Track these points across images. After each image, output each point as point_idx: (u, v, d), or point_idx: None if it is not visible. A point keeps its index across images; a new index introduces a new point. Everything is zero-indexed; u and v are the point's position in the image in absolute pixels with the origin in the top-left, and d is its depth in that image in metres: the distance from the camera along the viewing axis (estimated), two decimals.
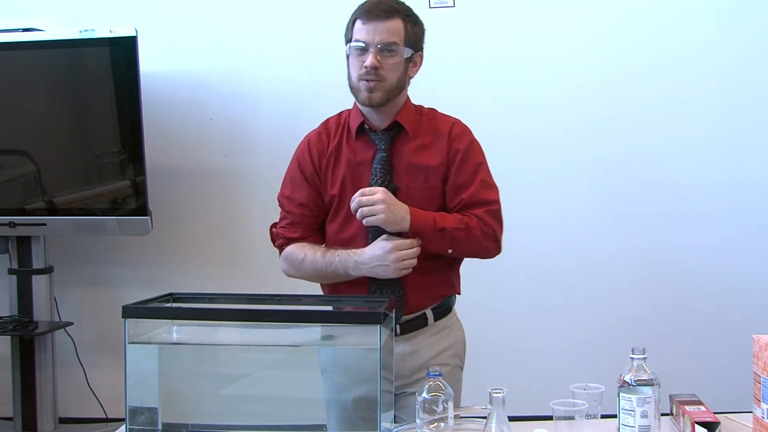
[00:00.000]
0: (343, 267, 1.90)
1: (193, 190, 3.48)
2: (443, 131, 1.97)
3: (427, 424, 1.59)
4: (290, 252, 2.00)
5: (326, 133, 2.01)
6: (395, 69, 1.89)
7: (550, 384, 1.83)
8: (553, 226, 3.38)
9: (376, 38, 1.86)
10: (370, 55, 1.86)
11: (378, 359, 1.59)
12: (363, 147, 1.96)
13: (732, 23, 3.30)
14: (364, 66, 1.86)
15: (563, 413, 1.63)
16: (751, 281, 3.31)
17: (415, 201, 1.91)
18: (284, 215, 2.04)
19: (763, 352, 1.58)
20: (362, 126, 1.96)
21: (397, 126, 1.95)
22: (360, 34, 1.88)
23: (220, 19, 3.43)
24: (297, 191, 2.01)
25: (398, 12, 1.89)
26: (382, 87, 1.88)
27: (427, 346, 1.99)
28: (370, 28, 1.86)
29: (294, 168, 2.03)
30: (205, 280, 3.34)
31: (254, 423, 1.71)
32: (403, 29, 1.89)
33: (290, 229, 2.01)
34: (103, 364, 3.45)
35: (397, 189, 1.91)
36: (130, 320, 1.67)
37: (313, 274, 1.97)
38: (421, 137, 1.96)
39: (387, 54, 1.87)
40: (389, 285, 1.93)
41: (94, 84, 3.21)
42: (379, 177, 1.92)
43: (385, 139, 1.94)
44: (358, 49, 1.88)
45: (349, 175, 1.95)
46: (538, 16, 3.35)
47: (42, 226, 3.20)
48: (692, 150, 3.33)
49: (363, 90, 1.89)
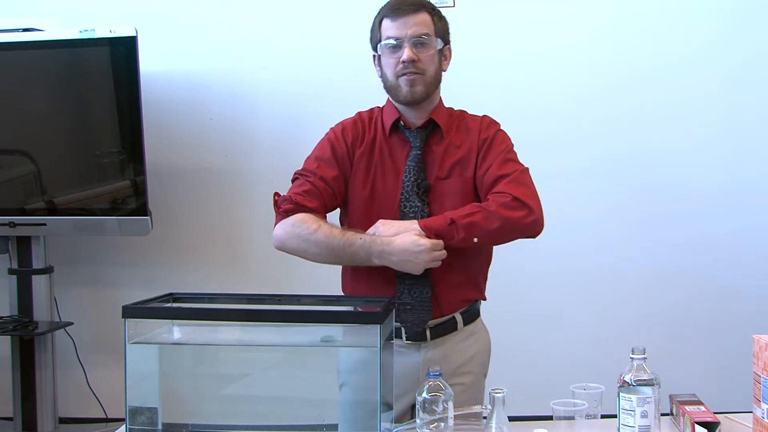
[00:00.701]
0: (366, 252, 1.81)
1: (193, 190, 3.48)
2: (473, 127, 1.97)
3: (427, 424, 1.59)
4: (302, 219, 1.85)
5: (362, 122, 1.98)
6: (432, 61, 1.90)
7: (550, 384, 1.82)
8: (552, 226, 3.35)
9: (409, 32, 1.86)
10: (405, 50, 1.85)
11: (378, 359, 1.59)
12: (397, 144, 1.94)
13: (732, 23, 3.30)
14: (402, 61, 1.86)
15: (563, 413, 1.63)
16: (751, 281, 3.31)
17: (450, 197, 1.90)
18: (303, 183, 1.92)
19: (763, 352, 1.58)
20: (397, 123, 1.95)
21: (431, 124, 1.95)
22: (391, 31, 1.87)
23: (220, 19, 3.44)
24: (324, 168, 1.93)
25: (424, 6, 1.91)
26: (422, 80, 1.88)
27: (455, 352, 1.96)
28: (401, 23, 1.86)
29: (324, 148, 1.96)
30: (205, 280, 3.34)
31: (254, 423, 1.71)
32: (432, 22, 1.90)
33: (307, 197, 1.89)
34: (103, 364, 3.45)
35: (430, 187, 1.90)
36: (130, 320, 1.66)
37: (323, 249, 1.84)
38: (453, 136, 1.96)
39: (421, 47, 1.87)
40: (419, 286, 1.88)
41: (94, 84, 3.21)
42: (413, 175, 1.90)
43: (419, 137, 1.93)
44: (391, 47, 1.87)
45: (382, 175, 1.93)
46: (538, 15, 3.35)
47: (42, 226, 3.20)
48: (692, 150, 3.33)
49: (403, 86, 1.88)
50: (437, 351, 1.94)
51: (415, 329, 1.91)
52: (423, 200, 1.89)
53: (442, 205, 1.89)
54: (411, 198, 1.89)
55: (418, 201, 1.89)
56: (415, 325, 1.90)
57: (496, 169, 1.91)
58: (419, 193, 1.89)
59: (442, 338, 1.95)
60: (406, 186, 1.90)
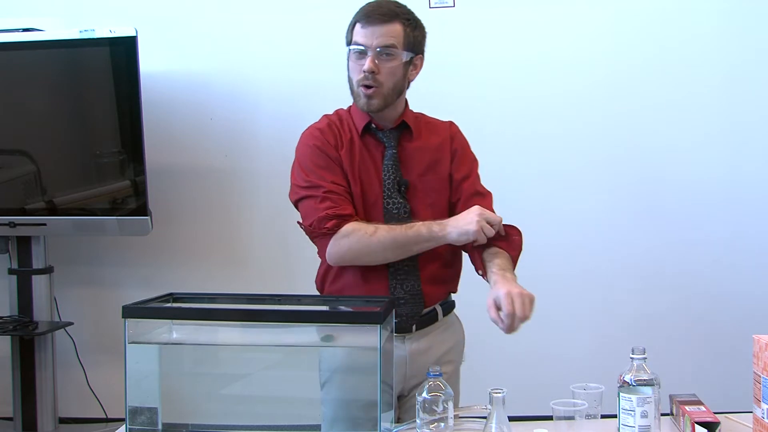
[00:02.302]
0: (428, 230, 1.87)
1: (193, 190, 3.48)
2: (441, 129, 2.05)
3: (427, 424, 1.59)
4: (353, 227, 1.86)
5: (334, 125, 1.99)
6: (392, 73, 1.91)
7: (550, 384, 1.82)
8: (552, 226, 3.37)
9: (374, 42, 1.88)
10: (368, 59, 1.88)
11: (378, 359, 1.59)
12: (372, 144, 1.99)
13: (732, 23, 3.30)
14: (363, 70, 1.89)
15: (563, 413, 1.63)
16: (751, 281, 3.31)
17: (428, 194, 1.98)
18: (322, 197, 1.89)
19: (763, 352, 1.58)
20: (369, 125, 1.99)
21: (403, 125, 2.01)
22: (359, 37, 1.90)
23: (220, 19, 3.44)
24: (328, 173, 1.92)
25: (398, 16, 1.91)
26: (379, 93, 1.91)
27: (438, 343, 2.03)
28: (369, 32, 1.88)
29: (313, 154, 1.94)
30: (205, 280, 3.34)
31: (254, 423, 1.71)
32: (402, 33, 1.91)
33: (340, 206, 1.88)
34: (103, 364, 3.45)
35: (408, 183, 1.96)
36: (130, 320, 1.66)
37: (388, 246, 1.87)
38: (423, 136, 2.02)
39: (385, 58, 1.89)
40: (410, 280, 1.95)
41: (94, 84, 3.21)
42: (392, 173, 1.95)
43: (393, 138, 1.98)
44: (357, 52, 1.91)
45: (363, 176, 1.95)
46: (538, 16, 3.35)
47: (42, 226, 3.20)
48: (692, 150, 3.33)
49: (362, 96, 1.93)
50: (421, 342, 2.00)
51: (410, 322, 1.97)
52: (404, 197, 1.96)
53: (422, 200, 1.98)
54: (393, 195, 1.95)
55: (400, 198, 1.95)
56: (410, 317, 1.96)
57: (474, 182, 2.04)
58: (400, 191, 1.95)
59: (424, 329, 2.01)
60: (387, 184, 1.95)
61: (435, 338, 2.02)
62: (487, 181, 2.09)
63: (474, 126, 3.13)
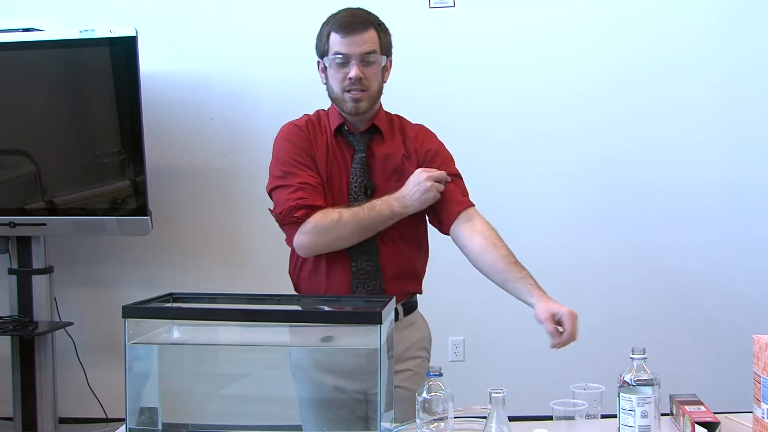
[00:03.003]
0: (388, 206, 1.93)
1: (193, 190, 3.48)
2: (410, 135, 2.07)
3: (427, 424, 1.59)
4: (321, 215, 1.92)
5: (311, 124, 2.07)
6: (376, 77, 1.99)
7: (550, 384, 1.83)
8: (553, 225, 3.38)
9: (357, 50, 1.94)
10: (353, 67, 1.95)
11: (378, 359, 1.59)
12: (342, 147, 2.03)
13: (732, 23, 3.31)
14: (348, 78, 1.95)
15: (563, 413, 1.63)
16: (751, 281, 3.32)
17: None
18: (298, 186, 1.95)
19: (763, 352, 1.58)
20: (341, 128, 2.04)
21: (373, 129, 2.04)
22: (340, 47, 1.96)
23: (220, 19, 3.44)
24: (304, 166, 1.99)
25: (371, 23, 1.99)
26: (367, 96, 1.97)
27: (400, 340, 2.01)
28: (350, 41, 1.95)
29: (289, 150, 2.02)
30: (205, 280, 3.34)
31: (254, 423, 1.71)
32: (377, 38, 1.98)
33: (310, 197, 1.94)
34: (103, 364, 3.45)
35: (375, 187, 1.99)
36: (130, 320, 1.66)
37: (354, 228, 1.92)
38: (395, 140, 2.06)
39: (367, 64, 1.96)
40: (372, 280, 1.97)
41: (94, 84, 3.21)
42: (359, 176, 2.00)
43: (363, 141, 2.03)
44: (339, 62, 1.96)
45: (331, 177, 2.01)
46: (538, 16, 3.36)
47: (42, 226, 3.20)
48: (692, 149, 3.33)
49: (348, 101, 1.97)
50: None
51: None
52: (370, 199, 1.98)
53: None
54: (359, 197, 1.98)
55: (366, 200, 1.98)
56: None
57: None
58: (366, 193, 1.99)
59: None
60: (354, 186, 1.99)
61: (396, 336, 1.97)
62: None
63: (473, 126, 3.14)
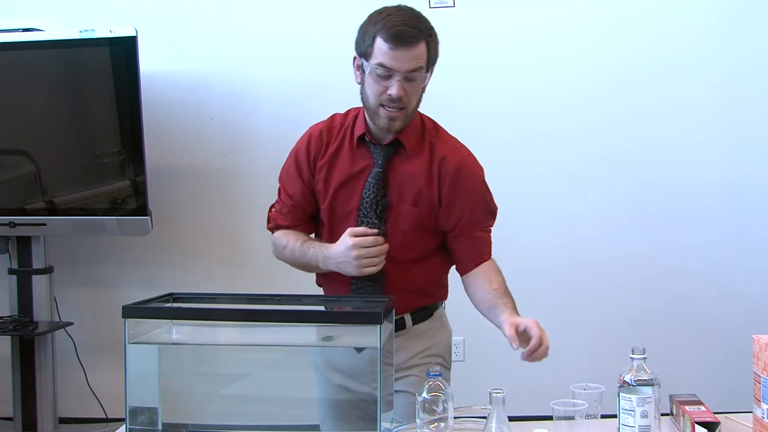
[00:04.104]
0: (315, 259, 1.92)
1: (193, 190, 3.48)
2: (438, 154, 1.91)
3: (427, 424, 1.59)
4: (276, 237, 2.03)
5: (328, 132, 1.97)
6: (416, 93, 1.86)
7: (550, 384, 1.83)
8: (553, 226, 3.38)
9: (404, 66, 1.79)
10: (395, 84, 1.80)
11: (378, 359, 1.59)
12: (361, 157, 1.93)
13: (732, 23, 3.30)
14: (388, 94, 1.81)
15: (563, 413, 1.63)
16: (751, 281, 3.31)
17: (405, 219, 1.90)
18: (278, 201, 2.07)
19: (763, 352, 1.58)
20: (363, 137, 1.93)
21: (397, 143, 1.91)
22: (385, 59, 1.79)
23: (220, 19, 3.44)
24: (290, 182, 2.01)
25: (422, 33, 1.81)
26: (403, 115, 1.85)
27: (404, 346, 1.95)
28: (398, 55, 1.78)
29: (291, 159, 2.03)
30: (205, 280, 3.34)
31: (254, 423, 1.71)
32: (426, 52, 1.82)
33: (282, 216, 2.03)
34: (103, 364, 3.45)
35: (388, 205, 1.89)
36: (130, 320, 1.67)
37: (291, 261, 2.00)
38: (420, 157, 1.91)
39: (410, 80, 1.81)
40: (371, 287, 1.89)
41: (94, 84, 3.21)
42: (372, 192, 1.89)
43: (383, 155, 1.91)
44: (381, 73, 1.81)
45: (342, 188, 1.93)
46: (538, 16, 3.36)
47: (42, 226, 3.20)
48: (692, 149, 3.33)
49: (383, 117, 1.84)
50: None
51: None
52: (380, 218, 1.89)
53: (395, 224, 1.90)
54: (369, 215, 1.89)
55: (375, 218, 1.89)
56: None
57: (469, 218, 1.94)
58: (377, 211, 1.89)
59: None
60: (365, 202, 1.90)
61: (399, 344, 1.92)
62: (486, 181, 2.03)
63: (473, 126, 3.14)
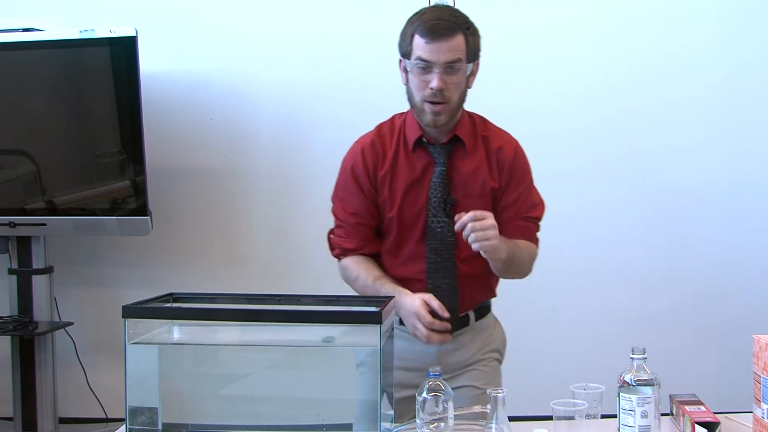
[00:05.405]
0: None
1: (193, 190, 3.48)
2: (493, 147, 1.98)
3: (427, 424, 1.59)
4: (346, 266, 2.02)
5: (380, 141, 1.97)
6: (458, 86, 1.87)
7: (550, 384, 1.83)
8: (553, 225, 3.35)
9: (441, 58, 1.82)
10: (435, 77, 1.82)
11: (378, 359, 1.59)
12: (420, 160, 1.95)
13: (732, 23, 3.30)
14: (430, 87, 1.83)
15: (563, 413, 1.63)
16: (751, 281, 3.31)
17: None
18: (338, 224, 2.02)
19: (763, 352, 1.59)
20: (420, 139, 1.94)
21: (455, 139, 1.95)
22: (423, 53, 1.82)
23: (220, 19, 3.43)
24: (350, 200, 1.98)
25: (459, 27, 1.85)
26: (447, 109, 1.87)
27: (469, 342, 2.03)
28: (435, 47, 1.81)
29: (347, 176, 1.99)
30: (205, 280, 3.34)
31: (254, 423, 1.71)
32: (465, 44, 1.85)
33: (346, 239, 2.01)
34: (103, 364, 3.45)
35: (455, 203, 1.92)
36: (130, 320, 1.67)
37: (362, 293, 2.00)
38: (477, 152, 1.97)
39: (451, 72, 1.84)
40: (445, 297, 1.92)
41: (94, 84, 3.21)
42: (439, 191, 1.92)
43: (443, 153, 1.94)
44: (421, 68, 1.84)
45: (408, 193, 1.94)
46: (538, 16, 3.35)
47: (42, 226, 3.20)
48: (692, 150, 3.33)
49: (428, 112, 1.87)
50: (452, 344, 1.98)
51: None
52: (449, 216, 1.92)
53: None
54: (438, 214, 1.92)
55: (445, 216, 1.92)
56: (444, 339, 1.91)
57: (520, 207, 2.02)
58: (446, 209, 1.92)
59: (455, 332, 1.99)
60: (433, 203, 1.93)
61: (465, 340, 2.02)
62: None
63: None
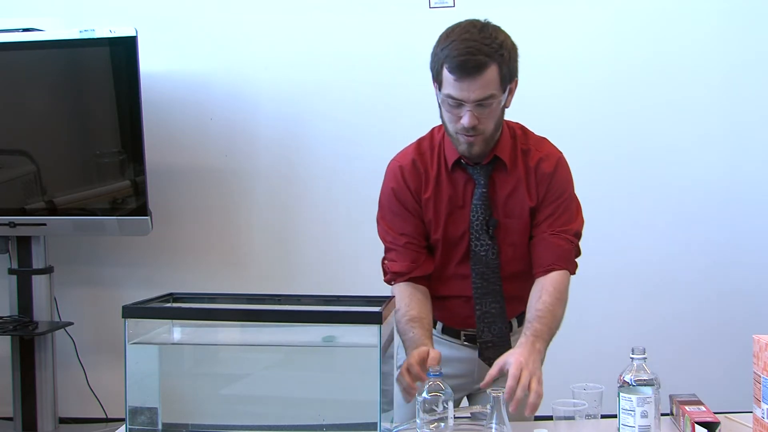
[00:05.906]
0: (405, 348, 1.87)
1: (193, 190, 3.48)
2: (531, 164, 1.92)
3: (427, 424, 1.59)
4: (396, 293, 1.92)
5: (421, 160, 1.93)
6: (493, 117, 1.80)
7: (550, 384, 1.83)
8: None
9: (472, 96, 1.73)
10: (467, 115, 1.75)
11: (378, 359, 1.59)
12: (461, 180, 1.91)
13: (732, 23, 3.30)
14: (461, 123, 1.77)
15: (563, 413, 1.63)
16: (752, 281, 3.31)
17: (511, 235, 1.92)
18: (388, 247, 1.96)
19: (763, 352, 1.58)
20: (459, 160, 1.90)
21: (495, 159, 1.90)
22: (453, 90, 1.74)
23: (220, 19, 3.44)
24: (397, 221, 1.93)
25: (490, 57, 1.75)
26: (481, 140, 1.81)
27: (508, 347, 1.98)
28: (464, 86, 1.73)
29: (390, 198, 1.94)
30: (205, 280, 3.34)
31: (254, 423, 1.71)
32: (498, 75, 1.76)
33: (396, 262, 1.94)
34: (103, 364, 3.45)
35: (498, 223, 1.89)
36: (130, 320, 1.66)
37: (397, 327, 1.93)
38: (516, 169, 1.91)
39: (484, 107, 1.76)
40: (498, 323, 1.95)
41: (94, 84, 3.21)
42: (481, 214, 1.88)
43: (484, 174, 1.89)
44: (451, 104, 1.77)
45: (451, 215, 1.91)
46: (537, 16, 3.35)
47: (42, 226, 3.20)
48: (692, 150, 3.33)
49: (462, 143, 1.82)
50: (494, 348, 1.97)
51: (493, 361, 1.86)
52: (493, 238, 1.90)
53: (504, 239, 1.92)
54: (481, 237, 1.89)
55: (488, 239, 1.89)
56: (495, 358, 1.83)
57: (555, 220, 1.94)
58: (489, 231, 1.89)
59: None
60: (475, 225, 1.89)
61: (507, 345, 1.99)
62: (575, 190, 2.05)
63: None
